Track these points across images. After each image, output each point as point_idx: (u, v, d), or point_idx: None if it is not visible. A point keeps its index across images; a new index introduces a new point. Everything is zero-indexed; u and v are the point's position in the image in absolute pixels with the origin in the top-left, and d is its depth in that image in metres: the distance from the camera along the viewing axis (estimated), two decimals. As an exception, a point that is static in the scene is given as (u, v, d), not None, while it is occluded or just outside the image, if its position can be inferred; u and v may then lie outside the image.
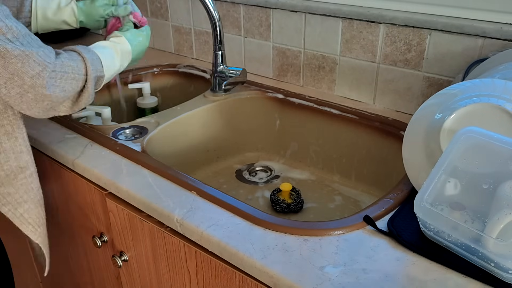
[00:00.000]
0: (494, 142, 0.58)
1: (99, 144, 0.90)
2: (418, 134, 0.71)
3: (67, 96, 0.76)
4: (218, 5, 1.23)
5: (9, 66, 0.67)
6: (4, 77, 0.68)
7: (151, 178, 0.79)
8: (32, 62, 0.69)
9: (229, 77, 1.10)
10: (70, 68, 0.75)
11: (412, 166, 0.73)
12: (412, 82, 0.97)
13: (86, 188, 0.87)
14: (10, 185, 0.80)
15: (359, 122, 1.00)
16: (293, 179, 1.09)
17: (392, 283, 0.56)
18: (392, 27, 0.96)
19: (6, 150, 0.78)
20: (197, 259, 0.71)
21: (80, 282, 1.10)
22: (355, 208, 0.97)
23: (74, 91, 0.77)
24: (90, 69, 0.77)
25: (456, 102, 0.67)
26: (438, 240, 0.60)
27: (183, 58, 1.40)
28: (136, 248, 0.82)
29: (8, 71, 0.68)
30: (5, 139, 0.78)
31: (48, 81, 0.71)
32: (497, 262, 0.53)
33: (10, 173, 0.80)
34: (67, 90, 0.75)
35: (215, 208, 0.71)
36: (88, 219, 0.92)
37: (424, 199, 0.59)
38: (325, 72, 1.10)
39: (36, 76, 0.70)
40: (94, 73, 0.79)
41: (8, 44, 0.66)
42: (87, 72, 0.77)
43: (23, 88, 0.70)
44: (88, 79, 0.78)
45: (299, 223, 0.68)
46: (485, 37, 0.85)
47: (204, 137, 1.10)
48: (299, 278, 0.57)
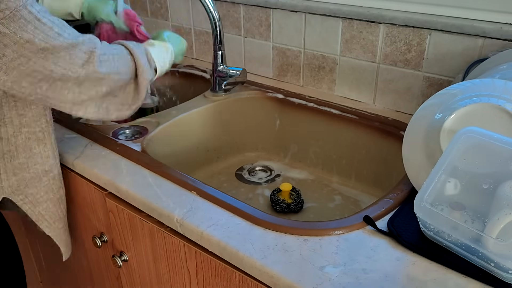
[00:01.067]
0: (494, 142, 0.58)
1: (99, 144, 0.90)
2: (418, 134, 0.71)
3: (125, 79, 0.78)
4: (218, 5, 1.23)
5: (58, 61, 0.68)
6: (58, 73, 0.69)
7: (151, 178, 0.79)
8: (78, 52, 0.70)
9: (229, 77, 1.10)
10: (115, 50, 0.77)
11: (412, 166, 0.73)
12: (412, 82, 0.97)
13: (86, 188, 0.87)
14: (34, 187, 0.83)
15: (359, 122, 1.00)
16: (293, 179, 1.09)
17: (392, 283, 0.56)
18: (392, 27, 0.96)
19: (35, 155, 0.81)
20: (197, 259, 0.71)
21: (80, 282, 1.10)
22: (355, 208, 0.97)
23: (130, 73, 0.79)
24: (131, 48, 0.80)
25: (456, 102, 0.67)
26: (438, 240, 0.60)
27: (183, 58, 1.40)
28: (136, 248, 0.82)
29: (60, 66, 0.68)
30: (36, 145, 0.80)
31: (99, 64, 0.72)
32: (497, 262, 0.53)
33: (35, 176, 0.82)
34: (122, 72, 0.77)
35: (215, 208, 0.71)
36: (88, 219, 0.92)
37: (424, 199, 0.59)
38: (325, 72, 1.10)
39: (86, 63, 0.71)
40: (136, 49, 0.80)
41: (54, 40, 0.67)
42: (131, 52, 0.80)
43: (79, 80, 0.71)
44: (134, 55, 0.79)
45: (299, 223, 0.68)
46: (485, 37, 0.85)
47: (204, 137, 1.10)
48: (299, 278, 0.57)
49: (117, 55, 0.76)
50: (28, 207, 0.83)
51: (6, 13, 0.62)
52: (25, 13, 0.64)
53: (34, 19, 0.65)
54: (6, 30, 0.63)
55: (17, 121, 0.76)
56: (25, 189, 0.82)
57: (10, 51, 0.64)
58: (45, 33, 0.66)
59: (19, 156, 0.79)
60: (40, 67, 0.67)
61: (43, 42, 0.66)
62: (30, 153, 0.80)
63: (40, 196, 0.84)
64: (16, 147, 0.78)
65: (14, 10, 0.63)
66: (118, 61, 0.76)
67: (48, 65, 0.67)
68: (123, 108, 0.81)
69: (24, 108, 0.76)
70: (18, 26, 0.64)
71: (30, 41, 0.65)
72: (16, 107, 0.75)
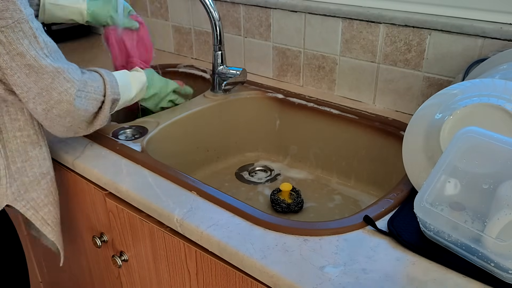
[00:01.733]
0: (494, 142, 0.58)
1: (99, 144, 0.90)
2: (418, 134, 0.71)
3: (87, 116, 0.79)
4: (218, 5, 1.23)
5: (39, 81, 0.69)
6: (33, 92, 0.70)
7: (151, 178, 0.79)
8: (62, 79, 0.71)
9: (229, 77, 1.10)
10: (92, 89, 0.78)
11: (412, 166, 0.73)
12: (412, 82, 0.97)
13: (86, 188, 0.87)
14: (33, 190, 0.83)
15: (359, 122, 1.00)
16: (293, 179, 1.09)
17: (392, 283, 0.56)
18: (392, 27, 0.96)
19: (31, 158, 0.81)
20: (197, 259, 0.71)
21: (80, 282, 1.10)
22: (355, 208, 0.97)
23: (93, 112, 0.80)
24: (109, 91, 0.80)
25: (456, 102, 0.67)
26: (438, 240, 0.60)
27: (183, 58, 1.40)
28: (136, 248, 0.82)
29: (39, 86, 0.70)
30: (31, 148, 0.81)
31: (76, 98, 0.74)
32: (497, 262, 0.53)
33: (34, 179, 0.82)
34: (88, 110, 0.78)
35: (215, 208, 0.71)
36: (88, 219, 0.92)
37: (424, 199, 0.59)
38: (325, 72, 1.10)
39: (64, 92, 0.72)
40: (112, 95, 0.82)
41: (43, 60, 0.68)
42: (105, 93, 0.80)
43: (49, 104, 0.72)
44: (106, 101, 0.81)
45: (299, 223, 0.68)
46: (485, 37, 0.85)
47: (204, 137, 1.10)
48: (299, 278, 0.57)
49: (92, 93, 0.78)
50: (31, 213, 0.84)
51: (9, 22, 0.64)
52: (25, 27, 0.66)
53: (31, 35, 0.67)
54: (4, 39, 0.65)
55: (11, 126, 0.77)
56: (26, 194, 0.82)
57: (1, 60, 0.66)
58: (37, 51, 0.68)
59: (17, 160, 0.79)
60: (21, 83, 0.69)
61: (33, 59, 0.68)
62: (26, 157, 0.80)
63: (41, 200, 0.84)
64: (12, 152, 0.78)
65: (17, 21, 0.65)
66: (90, 100, 0.77)
67: (28, 82, 0.69)
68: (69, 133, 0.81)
69: (17, 112, 0.77)
70: (15, 37, 0.66)
71: (21, 55, 0.67)
72: (9, 112, 0.76)
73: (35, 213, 0.84)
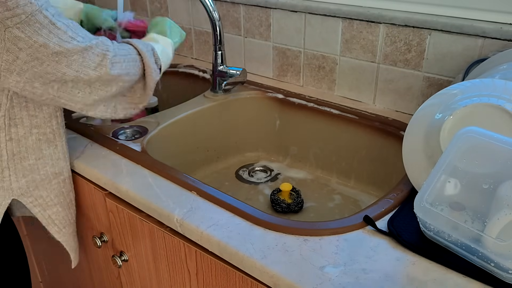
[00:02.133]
0: (494, 142, 0.58)
1: (99, 144, 0.90)
2: (418, 134, 0.71)
3: (132, 78, 0.79)
4: (218, 5, 1.23)
5: (72, 64, 0.69)
6: (71, 76, 0.70)
7: (151, 178, 0.79)
8: (91, 54, 0.71)
9: (229, 77, 1.10)
10: (125, 51, 0.78)
11: (412, 166, 0.73)
12: (412, 82, 0.97)
13: (86, 188, 0.87)
14: (44, 189, 0.83)
15: (359, 122, 1.00)
16: (293, 179, 1.09)
17: (392, 283, 0.56)
18: (392, 27, 0.96)
19: (45, 156, 0.81)
20: (197, 259, 0.71)
21: (80, 282, 1.10)
22: (355, 208, 0.97)
23: (137, 73, 0.80)
24: (139, 48, 0.81)
25: (456, 102, 0.67)
26: (438, 240, 0.60)
27: (183, 58, 1.40)
28: (136, 248, 0.82)
29: (72, 69, 0.70)
30: (46, 146, 0.80)
31: (111, 66, 0.74)
32: (497, 262, 0.53)
33: (45, 178, 0.82)
34: (131, 73, 0.79)
35: (215, 208, 0.71)
36: (88, 219, 0.92)
37: (424, 199, 0.59)
38: (325, 72, 1.10)
39: (98, 67, 0.72)
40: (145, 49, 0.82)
41: (68, 44, 0.68)
42: (140, 52, 0.81)
43: (90, 81, 0.73)
44: (143, 55, 0.81)
45: (299, 223, 0.68)
46: (485, 37, 0.85)
47: (204, 137, 1.10)
48: (299, 278, 0.57)
49: (127, 56, 0.78)
50: (38, 210, 0.83)
51: (22, 17, 0.63)
52: (40, 18, 0.65)
53: (49, 23, 0.66)
54: (22, 34, 0.64)
55: (28, 122, 0.77)
56: (35, 191, 0.82)
57: (24, 54, 0.65)
58: (59, 37, 0.67)
59: (29, 157, 0.79)
60: (53, 70, 0.68)
61: (57, 46, 0.67)
62: (40, 155, 0.80)
63: (50, 200, 0.84)
64: (26, 148, 0.78)
65: (30, 14, 0.64)
66: (128, 62, 0.78)
67: (61, 68, 0.69)
68: (130, 107, 0.83)
69: (35, 109, 0.77)
70: (33, 30, 0.65)
71: (45, 45, 0.66)
72: (27, 108, 0.76)
73: (41, 210, 0.83)
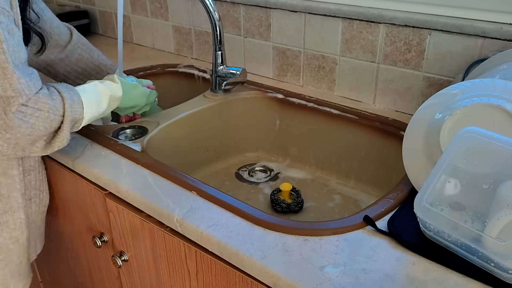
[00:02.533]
0: (494, 142, 0.58)
1: (99, 144, 0.90)
2: (418, 134, 0.71)
3: (37, 135, 0.71)
4: (218, 5, 1.23)
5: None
6: None
7: (151, 178, 0.79)
8: (6, 82, 0.65)
9: (229, 77, 1.10)
10: (46, 107, 0.71)
11: (412, 166, 0.73)
12: (412, 82, 0.97)
13: (86, 188, 0.87)
14: None
15: (359, 122, 1.00)
16: (293, 179, 1.09)
17: (392, 283, 0.56)
18: (392, 27, 0.96)
19: None
20: (197, 259, 0.71)
21: (80, 282, 1.10)
22: (355, 208, 0.97)
23: (46, 131, 0.72)
24: (68, 111, 0.74)
25: (456, 102, 0.67)
26: (438, 240, 0.60)
27: (183, 58, 1.40)
28: (136, 248, 0.82)
29: None
30: None
31: (16, 113, 0.67)
32: (497, 262, 0.53)
33: None
34: (36, 129, 0.70)
35: (215, 208, 0.71)
36: (88, 219, 0.92)
37: (424, 199, 0.59)
38: (325, 72, 1.10)
39: (5, 98, 0.66)
40: (72, 115, 0.75)
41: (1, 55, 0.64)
42: (64, 114, 0.73)
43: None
44: (65, 121, 0.74)
45: (299, 223, 0.68)
46: (485, 37, 0.85)
47: (204, 137, 1.10)
48: (299, 278, 0.57)
49: (39, 110, 0.70)
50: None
51: None
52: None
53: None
54: None
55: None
56: None
57: None
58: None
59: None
60: None
61: None
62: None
63: None
64: None
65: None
66: (38, 118, 0.70)
67: None
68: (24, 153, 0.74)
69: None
70: None
71: None
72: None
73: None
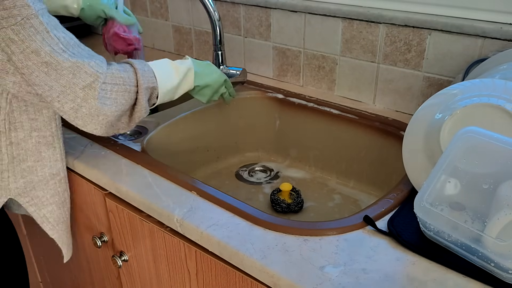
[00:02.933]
0: (494, 142, 0.58)
1: (99, 144, 0.90)
2: (418, 134, 0.71)
3: (122, 109, 0.75)
4: (218, 5, 1.23)
5: (60, 78, 0.67)
6: (56, 91, 0.68)
7: (151, 178, 0.79)
8: (83, 73, 0.68)
9: (229, 77, 1.10)
10: (121, 80, 0.74)
11: (412, 166, 0.73)
12: (412, 82, 0.97)
13: (86, 188, 0.87)
14: (41, 190, 0.83)
15: (359, 122, 1.00)
16: (293, 179, 1.09)
17: (392, 283, 0.56)
18: (392, 27, 0.96)
19: (44, 158, 0.81)
20: (197, 259, 0.71)
21: (80, 282, 1.10)
22: (355, 208, 0.97)
23: (128, 104, 0.76)
24: (141, 79, 0.76)
25: (456, 102, 0.67)
26: (438, 240, 0.60)
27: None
28: (136, 248, 0.82)
29: (60, 84, 0.67)
30: (45, 148, 0.80)
31: (100, 92, 0.70)
32: (497, 262, 0.53)
33: (43, 179, 0.82)
34: (119, 103, 0.74)
35: (215, 208, 0.71)
36: (88, 219, 0.92)
37: (424, 199, 0.59)
38: (325, 72, 1.10)
39: (87, 87, 0.69)
40: (146, 84, 0.77)
41: (59, 56, 0.66)
42: (138, 83, 0.76)
43: (76, 102, 0.69)
44: (140, 90, 0.76)
45: (299, 223, 0.68)
46: (485, 37, 0.85)
47: (204, 137, 1.10)
48: (299, 278, 0.57)
49: (121, 85, 0.74)
50: (33, 209, 0.83)
51: (17, 19, 0.62)
52: (36, 23, 0.64)
53: (43, 30, 0.64)
54: (15, 37, 0.63)
55: (28, 125, 0.76)
56: (32, 191, 0.82)
57: (16, 59, 0.64)
58: (52, 46, 0.65)
59: (28, 159, 0.79)
60: (40, 82, 0.67)
61: (48, 55, 0.65)
62: (39, 157, 0.80)
63: (46, 199, 0.84)
64: (25, 150, 0.78)
65: (26, 17, 0.63)
66: (118, 92, 0.73)
67: (49, 80, 0.67)
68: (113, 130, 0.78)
69: (35, 112, 0.76)
70: (27, 34, 0.63)
71: (36, 52, 0.64)
72: (27, 111, 0.75)
73: (37, 209, 0.84)
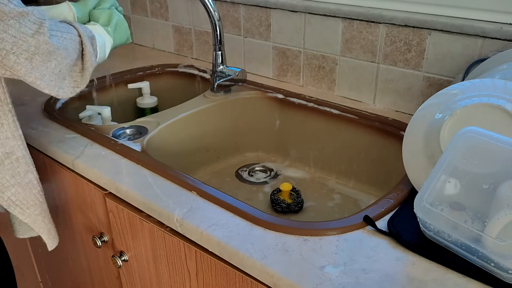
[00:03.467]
0: (494, 142, 0.58)
1: (99, 144, 0.90)
2: (418, 134, 0.71)
3: (71, 57, 0.75)
4: (218, 5, 1.23)
5: (8, 29, 0.66)
6: (9, 42, 0.67)
7: (151, 178, 0.79)
8: (28, 21, 0.68)
9: (228, 76, 1.10)
10: (64, 28, 0.74)
11: (412, 166, 0.73)
12: (412, 82, 0.97)
13: (86, 188, 0.87)
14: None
15: (359, 122, 1.00)
16: (293, 179, 1.09)
17: (392, 283, 0.56)
18: (392, 27, 0.96)
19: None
20: (197, 259, 0.71)
21: (80, 282, 1.10)
22: (355, 208, 0.97)
23: (75, 53, 0.76)
24: (80, 29, 0.77)
25: (456, 102, 0.67)
26: (438, 240, 0.60)
27: (183, 58, 1.40)
28: (136, 248, 0.82)
29: (10, 34, 0.66)
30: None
31: (50, 35, 0.70)
32: (497, 262, 0.53)
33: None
34: (69, 49, 0.74)
35: (215, 208, 0.71)
36: (88, 219, 0.92)
37: (424, 199, 0.59)
38: (325, 72, 1.10)
39: (37, 34, 0.69)
40: (85, 33, 0.78)
41: (4, 6, 0.65)
42: (79, 33, 0.77)
43: (30, 51, 0.69)
44: (84, 41, 0.77)
45: (299, 223, 0.68)
46: (485, 37, 0.85)
47: (204, 137, 1.10)
48: (299, 278, 0.57)
49: (66, 33, 0.75)
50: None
51: None
52: None
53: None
54: None
55: None
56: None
57: None
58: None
59: None
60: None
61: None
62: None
63: (6, 180, 0.80)
64: None
65: None
66: (66, 39, 0.74)
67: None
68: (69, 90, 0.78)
69: None
70: None
71: None
72: None
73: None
